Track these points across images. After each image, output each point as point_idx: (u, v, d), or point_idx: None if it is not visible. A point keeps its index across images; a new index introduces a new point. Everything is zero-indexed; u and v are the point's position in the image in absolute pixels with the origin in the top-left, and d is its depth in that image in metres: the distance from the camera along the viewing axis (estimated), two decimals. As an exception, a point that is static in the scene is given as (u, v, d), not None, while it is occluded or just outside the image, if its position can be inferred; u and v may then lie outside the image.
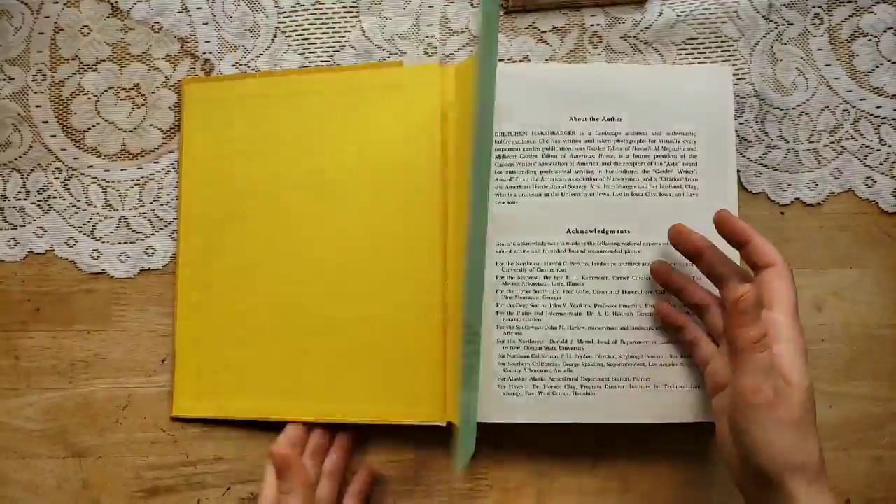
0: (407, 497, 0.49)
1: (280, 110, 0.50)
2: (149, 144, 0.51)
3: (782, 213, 0.50)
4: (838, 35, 0.51)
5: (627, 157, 0.47)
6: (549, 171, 0.47)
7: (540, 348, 0.46)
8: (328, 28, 0.51)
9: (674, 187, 0.47)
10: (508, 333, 0.46)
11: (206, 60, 0.51)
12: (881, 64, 0.50)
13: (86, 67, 0.51)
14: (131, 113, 0.51)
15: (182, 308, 0.49)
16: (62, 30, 0.51)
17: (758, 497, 0.38)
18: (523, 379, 0.46)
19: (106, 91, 0.51)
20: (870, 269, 0.50)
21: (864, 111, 0.50)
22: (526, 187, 0.47)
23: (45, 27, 0.51)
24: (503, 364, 0.46)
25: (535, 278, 0.46)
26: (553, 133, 0.47)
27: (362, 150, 0.49)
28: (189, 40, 0.51)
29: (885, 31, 0.50)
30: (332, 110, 0.49)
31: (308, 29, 0.51)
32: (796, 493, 0.36)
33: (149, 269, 0.50)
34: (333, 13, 0.51)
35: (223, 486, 0.49)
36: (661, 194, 0.47)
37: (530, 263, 0.46)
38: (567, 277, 0.46)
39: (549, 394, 0.46)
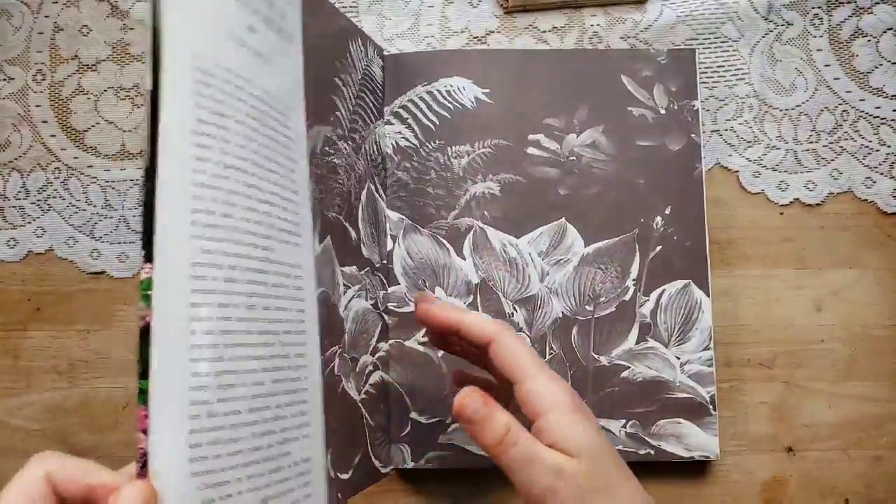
0: (408, 496, 0.49)
1: None
2: (149, 144, 0.51)
3: (781, 214, 0.50)
4: (838, 35, 0.51)
5: None
6: None
7: None
8: (328, 28, 0.51)
9: None
10: None
11: (206, 60, 0.51)
12: (881, 64, 0.50)
13: (85, 67, 0.51)
14: (131, 113, 0.51)
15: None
16: (62, 29, 0.51)
17: None
18: None
19: (105, 91, 0.51)
20: (869, 269, 0.50)
21: (863, 112, 0.50)
22: None
23: (44, 27, 0.51)
24: None
25: None
26: None
27: None
28: (189, 40, 0.51)
29: (884, 32, 0.50)
30: None
31: (308, 29, 0.51)
32: None
33: (149, 269, 0.50)
34: (333, 13, 0.51)
35: (223, 485, 0.49)
36: None
37: None
38: None
39: None
